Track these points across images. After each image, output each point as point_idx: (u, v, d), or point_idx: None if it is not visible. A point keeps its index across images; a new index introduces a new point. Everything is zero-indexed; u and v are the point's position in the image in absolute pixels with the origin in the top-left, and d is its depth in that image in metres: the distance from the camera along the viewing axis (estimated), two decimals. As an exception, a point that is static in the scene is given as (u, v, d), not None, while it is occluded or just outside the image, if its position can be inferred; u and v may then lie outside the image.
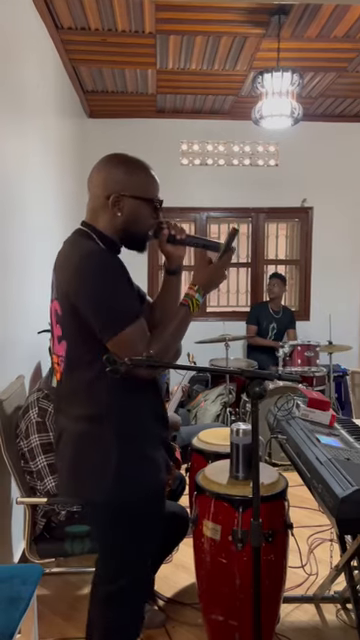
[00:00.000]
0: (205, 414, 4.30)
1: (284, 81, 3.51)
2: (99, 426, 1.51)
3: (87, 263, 1.47)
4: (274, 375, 1.44)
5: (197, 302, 1.58)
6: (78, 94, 4.72)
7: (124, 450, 1.51)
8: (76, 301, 1.46)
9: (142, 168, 1.58)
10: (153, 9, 3.25)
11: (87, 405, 1.53)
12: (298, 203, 5.65)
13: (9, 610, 1.64)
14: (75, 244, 1.56)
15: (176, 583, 2.55)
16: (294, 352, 4.50)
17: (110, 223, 1.57)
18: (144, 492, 1.55)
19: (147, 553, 1.67)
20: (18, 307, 2.71)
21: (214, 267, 1.61)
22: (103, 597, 1.65)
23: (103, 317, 1.45)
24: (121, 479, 1.51)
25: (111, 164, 1.57)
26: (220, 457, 2.31)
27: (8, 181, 2.58)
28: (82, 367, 1.52)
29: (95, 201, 1.57)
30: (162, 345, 1.49)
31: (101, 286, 1.45)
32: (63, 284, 1.51)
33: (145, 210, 1.58)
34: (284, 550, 2.00)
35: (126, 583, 1.61)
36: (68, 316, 1.50)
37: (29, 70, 3.02)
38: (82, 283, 1.46)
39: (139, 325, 1.47)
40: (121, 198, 1.53)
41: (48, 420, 2.17)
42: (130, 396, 1.53)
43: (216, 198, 5.60)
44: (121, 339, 1.44)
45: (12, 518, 2.49)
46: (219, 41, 3.70)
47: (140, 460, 1.55)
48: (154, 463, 1.58)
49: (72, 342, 1.52)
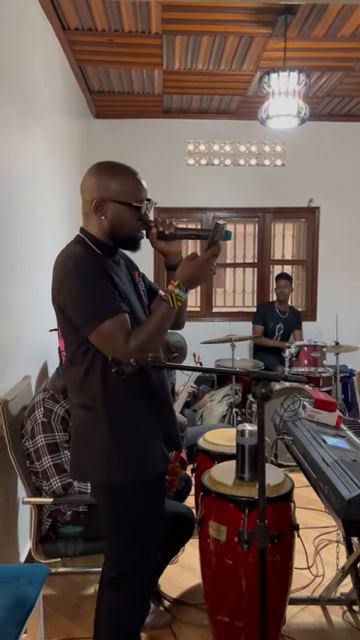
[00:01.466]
0: (211, 415, 4.29)
1: (291, 81, 3.50)
2: (93, 413, 1.61)
3: (66, 266, 1.56)
4: (280, 376, 1.43)
5: (177, 297, 1.57)
6: (84, 94, 4.73)
7: (117, 435, 1.61)
8: (61, 303, 1.57)
9: (125, 173, 1.63)
10: (159, 9, 3.25)
11: (82, 394, 1.63)
12: (305, 203, 5.63)
13: (15, 610, 1.64)
14: (65, 249, 1.64)
15: (182, 584, 2.55)
16: (300, 353, 4.49)
17: (98, 227, 1.64)
18: (138, 475, 1.63)
19: (147, 537, 1.70)
20: (24, 308, 2.72)
21: (197, 262, 1.60)
22: (106, 582, 1.72)
23: (81, 314, 1.54)
24: (114, 462, 1.61)
25: (97, 171, 1.63)
26: (226, 458, 2.31)
27: (15, 181, 2.58)
28: (76, 360, 1.61)
29: (85, 207, 1.66)
30: (141, 340, 1.53)
31: (78, 286, 1.53)
32: (52, 288, 1.61)
33: (127, 213, 1.62)
34: (290, 551, 2.00)
35: (127, 567, 1.69)
36: (60, 319, 1.62)
37: (36, 71, 3.03)
38: (63, 285, 1.56)
39: (117, 319, 1.52)
40: (102, 203, 1.60)
41: (54, 420, 2.17)
42: (121, 386, 1.57)
43: (222, 198, 5.59)
44: (99, 333, 1.51)
45: (18, 518, 2.50)
46: (225, 41, 3.69)
47: (133, 444, 1.63)
48: (147, 448, 1.65)
49: (66, 339, 1.63)
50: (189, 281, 1.59)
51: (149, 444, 1.66)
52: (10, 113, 2.51)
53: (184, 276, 1.59)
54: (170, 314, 1.58)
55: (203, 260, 1.60)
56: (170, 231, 1.67)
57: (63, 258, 1.59)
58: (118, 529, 1.68)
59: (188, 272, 1.59)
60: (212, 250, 1.59)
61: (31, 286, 2.80)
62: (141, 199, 1.62)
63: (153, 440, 1.67)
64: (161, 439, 1.69)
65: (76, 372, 1.62)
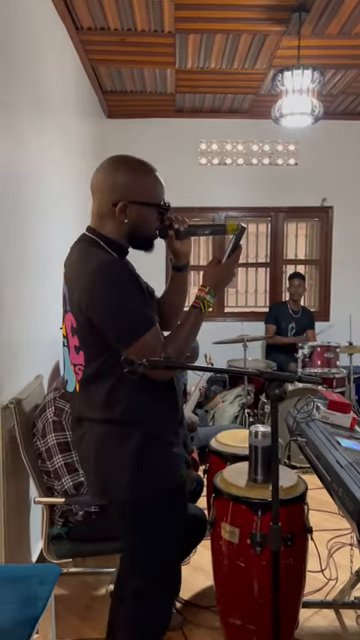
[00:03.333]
0: (223, 415, 4.27)
1: (304, 79, 3.47)
2: (119, 429, 1.56)
3: (97, 276, 1.48)
4: (294, 377, 1.42)
5: (208, 303, 1.59)
6: (97, 94, 4.73)
7: (143, 450, 1.56)
8: (90, 315, 1.50)
9: (147, 171, 1.59)
10: (172, 8, 3.24)
11: (107, 410, 1.56)
12: (318, 202, 5.59)
13: (27, 610, 1.64)
14: (84, 255, 1.56)
15: (194, 585, 2.54)
16: (314, 353, 4.45)
17: (117, 229, 1.58)
18: (164, 490, 1.59)
19: (170, 549, 1.68)
20: (36, 307, 2.72)
21: (223, 267, 1.61)
22: (127, 593, 1.69)
23: (118, 328, 1.48)
24: (141, 478, 1.56)
25: (114, 168, 1.57)
26: (238, 459, 2.29)
27: (28, 180, 2.59)
28: (101, 375, 1.55)
29: (102, 207, 1.58)
30: (176, 348, 1.52)
31: (113, 298, 1.47)
32: (76, 298, 1.53)
33: (151, 215, 1.60)
34: (303, 554, 1.98)
35: (153, 578, 1.65)
36: (84, 329, 1.53)
37: (50, 71, 3.03)
38: (94, 297, 1.49)
39: (155, 332, 1.50)
40: (128, 205, 1.54)
41: (64, 419, 2.17)
42: (147, 398, 1.55)
43: (235, 198, 5.57)
44: (138, 347, 1.46)
45: (30, 518, 2.50)
46: (239, 39, 3.67)
47: (159, 459, 1.59)
48: (173, 461, 1.62)
49: (89, 352, 1.55)
50: (217, 285, 1.61)
51: (174, 453, 1.63)
52: (24, 113, 2.51)
53: (213, 281, 1.60)
54: (201, 320, 1.60)
55: (229, 265, 1.62)
56: (184, 227, 1.65)
57: (89, 269, 1.49)
58: (143, 541, 1.64)
59: (216, 277, 1.61)
60: (236, 253, 1.61)
61: (43, 285, 2.81)
62: (163, 199, 1.60)
63: (177, 448, 1.65)
64: (182, 445, 1.68)
65: (100, 387, 1.55)
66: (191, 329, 1.58)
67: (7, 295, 2.23)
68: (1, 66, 2.21)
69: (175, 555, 1.72)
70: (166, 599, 1.76)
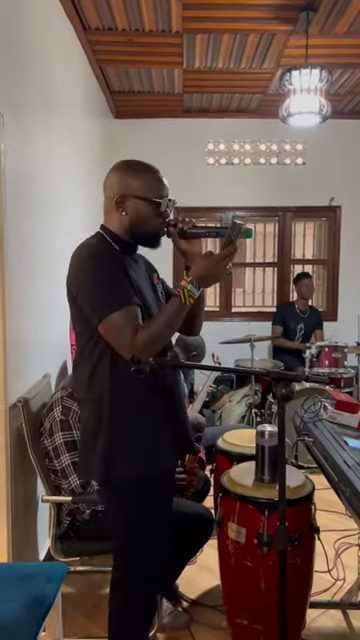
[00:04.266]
0: (230, 415, 4.27)
1: (312, 78, 3.46)
2: (98, 409, 1.60)
3: (81, 255, 1.59)
4: (301, 377, 1.41)
5: (190, 293, 1.55)
6: (105, 94, 4.74)
7: (119, 431, 1.59)
8: (73, 291, 1.58)
9: (147, 170, 1.64)
10: (180, 8, 3.24)
11: (90, 390, 1.62)
12: (326, 202, 5.57)
13: (34, 608, 1.65)
14: (84, 242, 1.65)
15: (200, 585, 2.54)
16: (321, 353, 4.44)
17: (119, 223, 1.64)
18: (140, 471, 1.61)
19: (152, 537, 1.67)
20: (44, 307, 2.73)
21: (212, 260, 1.58)
22: (113, 582, 1.72)
23: (92, 303, 1.54)
24: (117, 461, 1.59)
25: (119, 168, 1.65)
26: (245, 459, 2.29)
27: (37, 180, 2.60)
28: (86, 354, 1.61)
29: (106, 203, 1.67)
30: (150, 334, 1.52)
31: (91, 275, 1.54)
32: (67, 278, 1.62)
33: (147, 209, 1.62)
34: (310, 554, 1.97)
35: (132, 568, 1.68)
36: (71, 309, 1.62)
37: (57, 71, 3.04)
38: (76, 274, 1.58)
39: (127, 311, 1.51)
40: (124, 198, 1.61)
41: (72, 418, 2.17)
42: (128, 382, 1.55)
43: (242, 197, 5.56)
44: (107, 323, 1.51)
45: (38, 516, 2.51)
46: (246, 39, 3.67)
47: (134, 446, 1.60)
48: (151, 450, 1.62)
49: (77, 332, 1.64)
50: (202, 278, 1.57)
51: (153, 441, 1.62)
52: (32, 113, 2.52)
53: (198, 273, 1.57)
54: (181, 310, 1.56)
55: (218, 258, 1.58)
56: (189, 227, 1.66)
57: (79, 248, 1.62)
58: (123, 528, 1.67)
59: (202, 269, 1.57)
60: (228, 249, 1.57)
61: (51, 285, 2.82)
62: (161, 196, 1.62)
63: (158, 438, 1.63)
64: (169, 439, 1.65)
65: (85, 367, 1.62)
66: (168, 318, 1.56)
67: (15, 295, 2.24)
68: (10, 66, 2.22)
69: (156, 547, 1.70)
70: (147, 591, 1.74)
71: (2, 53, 2.13)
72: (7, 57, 2.19)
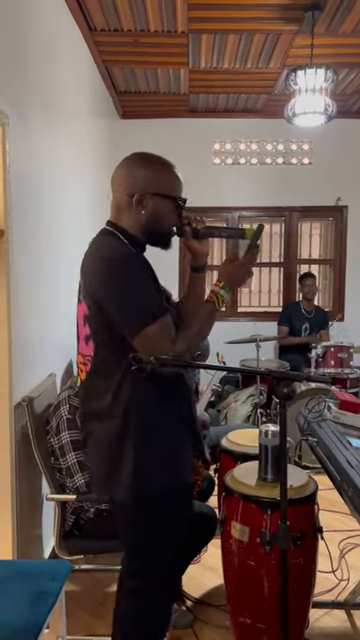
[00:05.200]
0: (235, 415, 4.27)
1: (318, 78, 3.46)
2: (121, 424, 1.54)
3: (109, 260, 1.50)
4: (302, 376, 1.42)
5: (222, 298, 1.59)
6: (111, 95, 4.76)
7: (146, 450, 1.54)
8: (100, 299, 1.49)
9: (165, 166, 1.60)
10: (185, 8, 3.25)
11: (112, 404, 1.55)
12: (332, 202, 5.56)
13: (37, 605, 1.66)
14: (98, 243, 1.58)
15: (204, 584, 2.54)
16: (327, 353, 4.43)
17: (134, 221, 1.58)
18: (167, 490, 1.57)
19: (171, 549, 1.67)
20: (50, 306, 2.74)
21: (239, 263, 1.62)
22: (126, 591, 1.69)
23: (125, 314, 1.47)
24: (141, 478, 1.54)
25: (134, 163, 1.58)
26: (249, 458, 2.29)
27: (42, 181, 2.61)
28: (109, 366, 1.54)
29: (119, 200, 1.59)
30: (188, 342, 1.51)
31: (123, 283, 1.47)
32: (88, 284, 1.53)
33: (168, 208, 1.59)
34: (313, 554, 1.97)
35: (150, 578, 1.64)
36: (95, 316, 1.52)
37: (63, 72, 3.06)
38: (105, 280, 1.49)
39: (163, 322, 1.47)
40: (145, 196, 1.55)
41: (79, 417, 2.19)
42: (154, 396, 1.54)
43: (249, 197, 5.55)
44: (144, 336, 1.45)
45: (43, 514, 2.53)
46: (252, 39, 3.67)
47: (162, 460, 1.57)
48: (177, 463, 1.60)
49: (99, 342, 1.54)
50: (232, 282, 1.61)
51: (178, 454, 1.61)
52: (38, 114, 2.54)
53: (228, 277, 1.61)
54: (215, 315, 1.59)
55: (245, 263, 1.62)
56: (202, 226, 1.66)
57: (101, 253, 1.53)
58: (142, 540, 1.63)
59: (231, 274, 1.61)
60: (252, 253, 1.62)
61: (56, 285, 2.83)
62: (181, 194, 1.61)
63: (182, 450, 1.62)
64: (190, 448, 1.66)
65: (106, 380, 1.54)
66: (204, 323, 1.57)
67: (20, 295, 2.26)
68: (15, 67, 2.24)
69: (176, 555, 1.70)
70: (166, 598, 1.74)
71: (8, 54, 2.15)
72: (13, 58, 2.21)
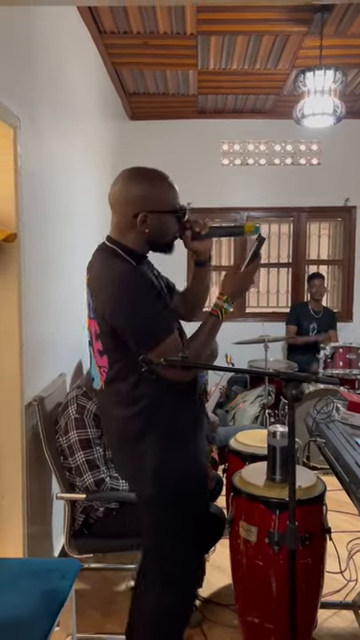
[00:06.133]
0: (244, 415, 4.27)
1: (327, 79, 3.46)
2: (142, 424, 1.62)
3: (118, 286, 1.55)
4: (311, 377, 1.42)
5: (226, 311, 1.63)
6: (120, 96, 4.78)
7: (165, 445, 1.61)
8: (113, 323, 1.56)
9: (160, 179, 1.63)
10: (194, 10, 3.26)
11: (130, 406, 1.62)
12: (341, 202, 5.55)
13: (48, 603, 1.68)
14: (105, 267, 1.62)
15: (212, 584, 2.56)
16: (335, 354, 4.42)
17: (137, 239, 1.63)
18: (187, 482, 1.64)
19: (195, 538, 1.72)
20: (60, 307, 2.77)
21: (242, 275, 1.65)
22: (152, 583, 1.74)
23: (139, 336, 1.55)
24: (164, 472, 1.61)
25: (128, 181, 1.61)
26: (257, 459, 2.30)
27: (52, 182, 2.64)
28: (123, 376, 1.62)
29: (120, 218, 1.63)
30: (193, 352, 1.56)
31: (134, 307, 1.53)
32: (99, 307, 1.60)
33: (170, 221, 1.65)
34: (321, 554, 1.98)
35: (175, 567, 1.70)
36: (107, 335, 1.60)
37: (73, 74, 3.08)
38: (116, 306, 1.55)
39: (172, 339, 1.55)
40: (147, 216, 1.58)
41: (86, 417, 2.21)
42: (168, 398, 1.60)
43: (257, 198, 5.56)
44: (158, 353, 1.50)
45: (53, 513, 2.55)
46: (261, 40, 3.67)
47: (180, 453, 1.64)
48: (194, 454, 1.67)
49: (112, 356, 1.62)
50: (235, 293, 1.65)
51: (195, 446, 1.69)
52: (48, 116, 2.56)
53: (231, 290, 1.64)
54: (218, 327, 1.64)
55: (247, 273, 1.65)
56: (206, 231, 1.69)
57: (110, 279, 1.57)
58: (169, 531, 1.68)
59: (234, 286, 1.65)
60: (255, 263, 1.65)
61: (67, 285, 2.86)
62: (178, 204, 1.65)
63: (198, 449, 1.70)
64: (204, 448, 1.73)
65: (123, 385, 1.62)
66: (208, 335, 1.63)
67: (31, 295, 2.28)
68: (26, 70, 2.26)
69: (197, 549, 1.78)
70: (190, 588, 1.82)
71: (18, 57, 2.17)
72: (23, 61, 2.23)
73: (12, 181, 2.07)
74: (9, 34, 2.06)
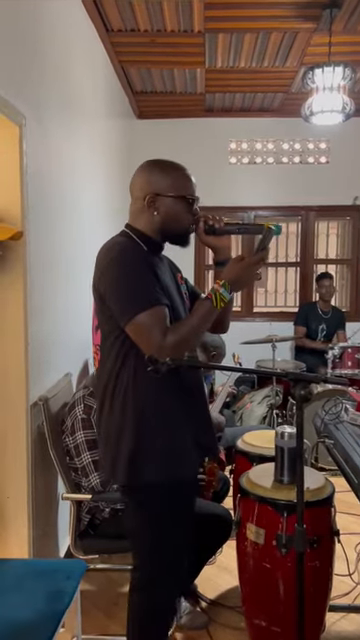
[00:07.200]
0: (251, 416, 4.25)
1: (335, 76, 3.42)
2: (122, 411, 1.58)
3: (110, 254, 1.58)
4: (320, 378, 1.40)
5: (222, 297, 1.55)
6: (127, 95, 4.77)
7: (142, 434, 1.56)
8: (102, 289, 1.56)
9: (175, 168, 1.64)
10: (202, 7, 3.24)
11: (114, 391, 1.59)
12: (349, 201, 5.50)
13: (53, 604, 1.67)
14: (109, 242, 1.63)
15: (219, 585, 2.53)
16: (344, 354, 4.38)
17: (149, 223, 1.63)
18: (163, 476, 1.58)
19: (174, 540, 1.66)
20: (66, 306, 2.76)
21: (245, 264, 1.59)
22: (134, 584, 1.71)
23: (121, 303, 1.52)
24: (143, 465, 1.57)
25: (147, 168, 1.65)
26: (264, 460, 2.28)
27: (60, 181, 2.63)
28: (111, 356, 1.59)
29: (135, 204, 1.65)
30: (179, 337, 1.50)
31: (120, 274, 1.52)
32: (93, 276, 1.60)
33: (179, 207, 1.62)
34: (330, 557, 1.95)
35: (149, 572, 1.67)
36: (99, 307, 1.61)
37: (80, 73, 3.07)
38: (105, 272, 1.55)
39: (156, 312, 1.49)
40: (155, 197, 1.60)
41: (93, 417, 2.19)
42: (152, 384, 1.54)
43: (265, 197, 5.53)
44: (136, 325, 1.49)
45: (58, 514, 2.54)
46: (269, 37, 3.65)
47: (163, 447, 1.58)
48: (175, 457, 1.60)
49: (104, 331, 1.61)
50: (234, 282, 1.58)
51: (177, 446, 1.60)
52: (56, 115, 2.55)
53: (230, 277, 1.57)
54: (212, 313, 1.56)
55: (251, 263, 1.59)
56: (220, 225, 1.66)
57: (107, 247, 1.60)
58: (143, 531, 1.65)
59: (235, 273, 1.58)
60: (261, 254, 1.59)
61: (73, 284, 2.85)
62: (192, 193, 1.63)
63: (182, 442, 1.61)
64: (192, 443, 1.63)
65: (108, 369, 1.60)
66: (199, 321, 1.55)
67: (36, 295, 2.27)
68: (32, 68, 2.25)
69: (180, 549, 1.69)
70: (169, 593, 1.73)
71: (25, 55, 2.16)
72: (29, 59, 2.22)
73: (18, 179, 2.05)
74: (16, 31, 2.05)
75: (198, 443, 1.64)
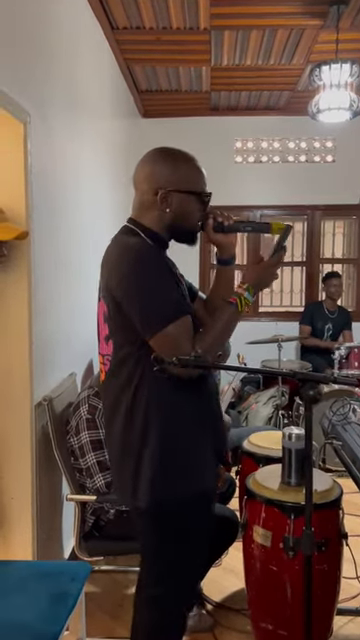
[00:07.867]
0: (256, 416, 4.22)
1: (343, 73, 3.39)
2: (140, 428, 1.48)
3: (128, 257, 1.45)
4: (329, 378, 1.37)
5: (246, 301, 1.52)
6: (132, 93, 4.75)
7: (165, 453, 1.48)
8: (119, 297, 1.44)
9: (187, 160, 1.55)
10: (208, 4, 3.21)
11: (131, 407, 1.49)
12: (356, 200, 5.46)
13: (57, 606, 1.65)
14: (118, 241, 1.54)
15: (225, 588, 2.51)
16: (351, 354, 4.35)
17: (158, 219, 1.53)
18: (186, 498, 1.50)
19: (191, 559, 1.61)
20: (71, 306, 2.74)
21: (265, 265, 1.56)
22: (147, 599, 1.64)
23: (144, 313, 1.41)
24: (162, 487, 1.48)
25: (156, 158, 1.54)
26: (271, 461, 2.25)
27: (65, 180, 2.61)
28: (127, 366, 1.49)
29: (142, 197, 1.54)
30: (208, 344, 1.44)
31: (142, 280, 1.42)
32: (107, 281, 1.50)
33: (194, 204, 1.55)
34: (338, 560, 1.93)
35: (169, 587, 1.59)
36: (114, 314, 1.48)
37: (85, 71, 3.05)
38: (123, 277, 1.44)
39: (183, 323, 1.41)
40: (169, 194, 1.50)
41: (98, 417, 2.18)
42: (174, 398, 1.48)
43: (271, 196, 5.50)
44: (163, 337, 1.40)
45: (63, 515, 2.52)
46: (275, 34, 3.62)
47: (183, 468, 1.50)
48: (199, 470, 1.53)
49: (118, 340, 1.50)
50: (257, 284, 1.55)
51: (200, 458, 1.54)
52: (59, 113, 2.53)
53: (253, 280, 1.54)
54: (237, 317, 1.52)
55: (271, 264, 1.56)
56: (230, 223, 1.62)
57: (121, 247, 1.49)
58: (167, 549, 1.56)
59: (256, 276, 1.55)
60: (279, 255, 1.57)
61: (78, 284, 2.83)
62: (205, 188, 1.57)
63: (203, 453, 1.55)
64: (211, 452, 1.58)
65: (124, 380, 1.49)
66: (225, 326, 1.50)
67: (42, 294, 2.26)
68: (37, 66, 2.23)
69: (201, 563, 1.65)
70: (180, 610, 1.67)
71: (30, 53, 2.14)
72: (34, 57, 2.20)
73: (22, 178, 2.04)
74: (20, 28, 2.03)
75: (215, 451, 1.61)
